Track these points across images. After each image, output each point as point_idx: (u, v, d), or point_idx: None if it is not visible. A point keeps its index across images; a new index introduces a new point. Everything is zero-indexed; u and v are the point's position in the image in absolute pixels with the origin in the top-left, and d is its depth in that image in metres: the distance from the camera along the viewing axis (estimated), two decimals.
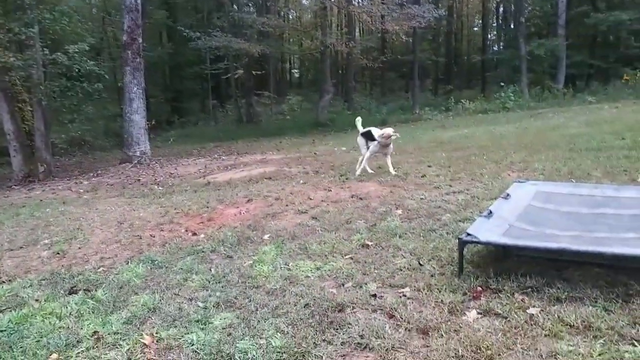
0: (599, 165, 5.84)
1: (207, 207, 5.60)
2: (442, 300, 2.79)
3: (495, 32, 33.69)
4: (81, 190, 8.50)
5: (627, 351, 2.18)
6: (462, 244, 3.06)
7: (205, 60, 22.80)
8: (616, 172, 5.46)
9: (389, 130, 6.43)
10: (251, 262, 3.69)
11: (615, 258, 2.89)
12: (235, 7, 22.57)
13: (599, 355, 2.18)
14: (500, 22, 32.43)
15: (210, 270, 3.61)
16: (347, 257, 3.63)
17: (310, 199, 5.51)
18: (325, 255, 3.68)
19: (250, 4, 24.56)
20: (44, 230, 5.39)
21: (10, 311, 3.17)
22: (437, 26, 27.11)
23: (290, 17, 32.51)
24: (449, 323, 2.56)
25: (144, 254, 4.19)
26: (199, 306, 3.02)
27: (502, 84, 20.29)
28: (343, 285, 3.15)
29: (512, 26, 26.96)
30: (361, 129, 6.94)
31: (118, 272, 3.78)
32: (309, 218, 4.72)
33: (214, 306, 2.99)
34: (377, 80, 31.26)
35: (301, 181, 6.78)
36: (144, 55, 13.42)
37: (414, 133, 12.66)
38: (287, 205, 5.27)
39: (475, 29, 34.96)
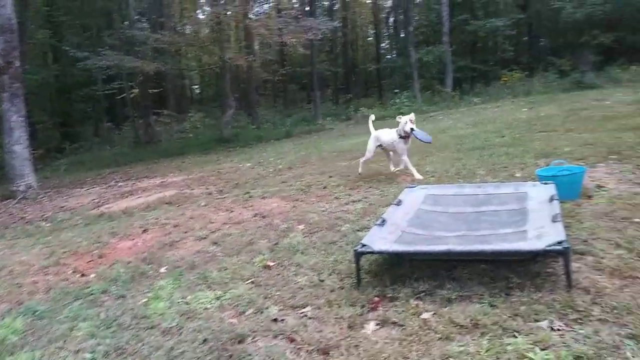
0: (483, 164, 6.29)
1: (99, 243, 5.19)
2: (342, 316, 2.80)
3: (387, 42, 35.45)
4: None
5: (509, 344, 2.31)
6: (358, 255, 3.11)
7: (97, 81, 21.42)
8: (497, 169, 5.90)
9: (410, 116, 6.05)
10: (146, 299, 3.46)
11: (496, 254, 3.09)
12: (126, 23, 21.51)
13: (486, 351, 2.29)
14: (392, 31, 34.18)
15: (99, 315, 3.32)
16: (248, 282, 3.53)
17: (212, 222, 5.34)
18: (226, 283, 3.55)
19: (143, 20, 23.55)
20: None
21: None
22: (334, 37, 28.00)
23: (187, 32, 31.67)
24: (348, 339, 2.56)
25: (24, 304, 3.75)
26: (85, 358, 2.75)
27: (397, 90, 21.37)
28: (244, 313, 3.05)
29: (402, 35, 28.51)
30: (373, 130, 6.68)
31: None
32: (210, 244, 4.55)
33: (102, 356, 2.74)
34: (280, 93, 31.45)
35: (202, 203, 6.55)
36: (25, 79, 12.28)
37: (317, 143, 12.87)
38: (186, 232, 5.04)
39: (369, 39, 36.47)
